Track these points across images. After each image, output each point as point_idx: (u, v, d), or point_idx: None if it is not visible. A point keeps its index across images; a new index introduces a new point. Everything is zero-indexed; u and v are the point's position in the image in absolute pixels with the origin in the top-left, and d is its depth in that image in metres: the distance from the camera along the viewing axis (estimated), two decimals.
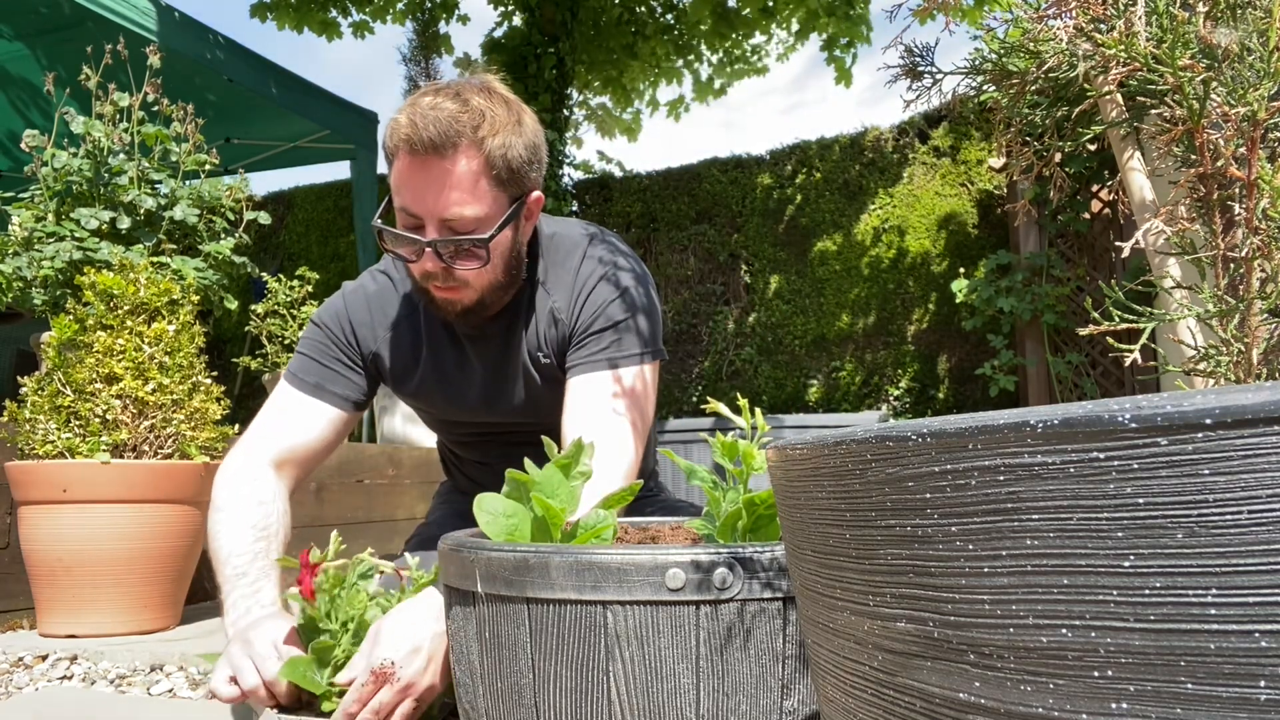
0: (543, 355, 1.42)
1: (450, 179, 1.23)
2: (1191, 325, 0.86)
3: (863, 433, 0.38)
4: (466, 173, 1.24)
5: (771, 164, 6.53)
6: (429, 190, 1.24)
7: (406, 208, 1.26)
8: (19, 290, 2.88)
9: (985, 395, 5.35)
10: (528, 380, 1.45)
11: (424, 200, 1.24)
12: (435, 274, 1.29)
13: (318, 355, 1.46)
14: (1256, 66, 0.62)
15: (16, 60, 4.80)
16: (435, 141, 1.21)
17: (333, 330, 1.46)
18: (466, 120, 1.22)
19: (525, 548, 0.75)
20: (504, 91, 1.34)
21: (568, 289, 1.41)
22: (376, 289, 1.49)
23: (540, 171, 1.35)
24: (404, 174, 1.25)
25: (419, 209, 1.25)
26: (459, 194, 1.24)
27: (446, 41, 6.43)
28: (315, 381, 1.44)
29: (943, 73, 0.91)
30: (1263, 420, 0.27)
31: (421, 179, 1.24)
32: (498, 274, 1.33)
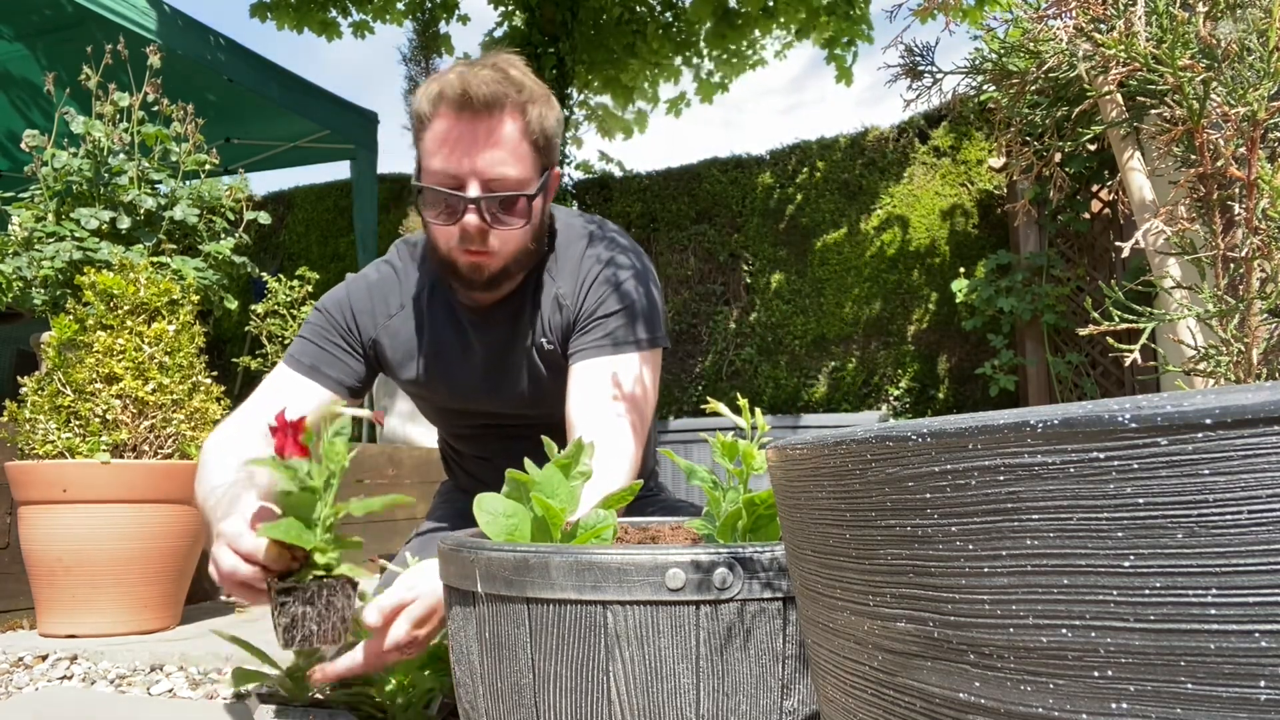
0: (546, 341, 1.44)
1: (495, 138, 1.28)
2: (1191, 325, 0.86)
3: (863, 433, 0.38)
4: (511, 134, 1.28)
5: (772, 164, 6.53)
6: (475, 148, 1.27)
7: (448, 169, 1.28)
8: (19, 290, 2.88)
9: (985, 395, 5.35)
10: (531, 367, 1.46)
11: (469, 158, 1.27)
12: (473, 235, 1.30)
13: (315, 338, 1.46)
14: (1256, 66, 0.62)
15: (17, 60, 4.80)
16: (486, 100, 1.25)
17: (333, 315, 1.47)
18: (511, 84, 1.28)
19: (525, 548, 0.75)
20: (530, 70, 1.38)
21: (572, 276, 1.43)
22: (379, 278, 1.51)
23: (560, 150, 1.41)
24: (447, 134, 1.28)
25: (462, 168, 1.28)
26: (504, 154, 1.28)
27: (446, 41, 6.44)
28: (310, 363, 1.44)
29: (943, 72, 0.91)
30: (1263, 420, 0.27)
31: (469, 138, 1.27)
32: (527, 240, 1.36)
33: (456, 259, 1.35)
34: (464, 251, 1.33)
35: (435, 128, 1.29)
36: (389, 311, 1.48)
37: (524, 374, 1.47)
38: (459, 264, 1.35)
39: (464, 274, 1.36)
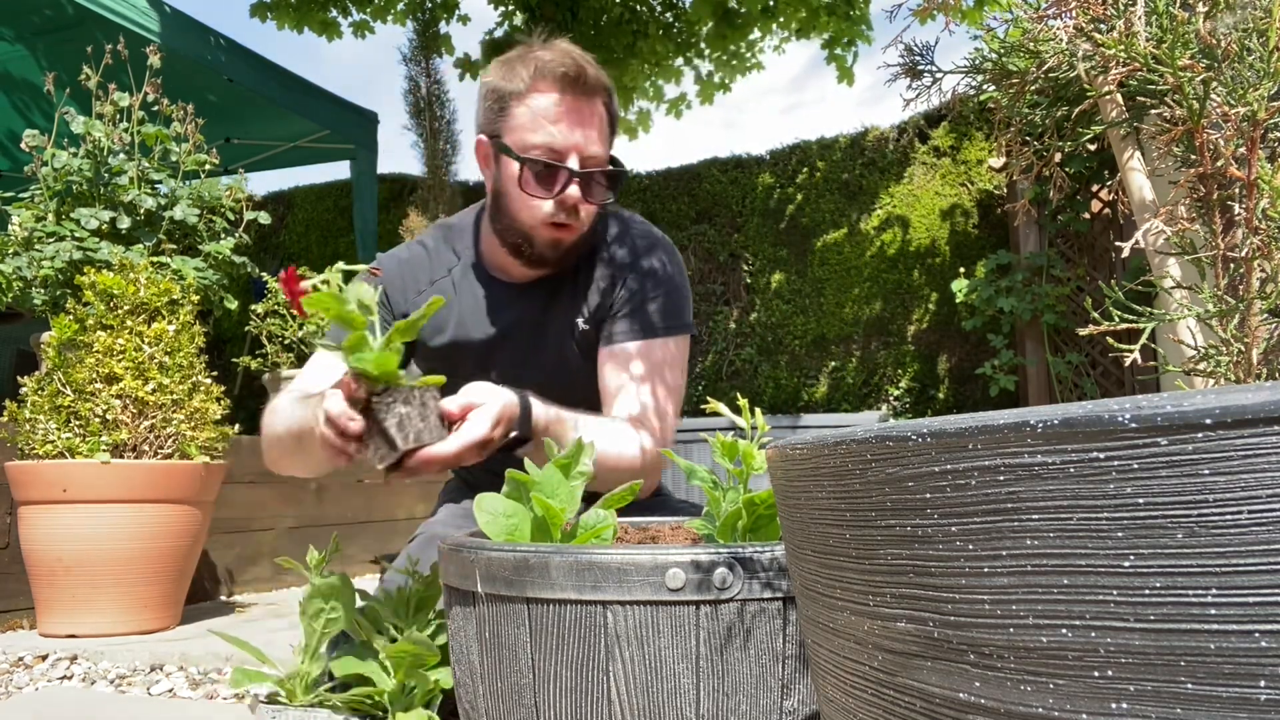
0: (582, 321, 1.47)
1: (594, 119, 1.36)
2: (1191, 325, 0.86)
3: (863, 433, 0.38)
4: (604, 117, 1.38)
5: (772, 164, 6.53)
6: (580, 126, 1.34)
7: (550, 144, 1.33)
8: (19, 290, 2.88)
9: (985, 395, 5.35)
10: (562, 347, 1.48)
11: (574, 134, 1.33)
12: (571, 206, 1.35)
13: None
14: (1256, 66, 0.62)
15: (17, 61, 4.80)
16: (592, 83, 1.34)
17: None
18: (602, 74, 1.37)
19: (525, 548, 0.75)
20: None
21: (609, 262, 1.48)
22: (409, 256, 1.53)
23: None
24: (553, 110, 1.33)
25: (567, 143, 1.33)
26: (597, 134, 1.36)
27: (447, 41, 6.43)
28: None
29: (943, 72, 0.91)
30: (1263, 420, 0.27)
31: (574, 115, 1.34)
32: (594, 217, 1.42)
33: (538, 233, 1.38)
34: (549, 224, 1.37)
35: (535, 102, 1.34)
36: (418, 287, 1.49)
37: (553, 354, 1.48)
38: (539, 237, 1.38)
39: (538, 247, 1.39)
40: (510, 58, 1.38)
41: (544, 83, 1.33)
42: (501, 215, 1.41)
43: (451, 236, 1.54)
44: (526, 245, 1.40)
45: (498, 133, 1.38)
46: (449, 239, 1.54)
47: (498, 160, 1.39)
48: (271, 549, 2.97)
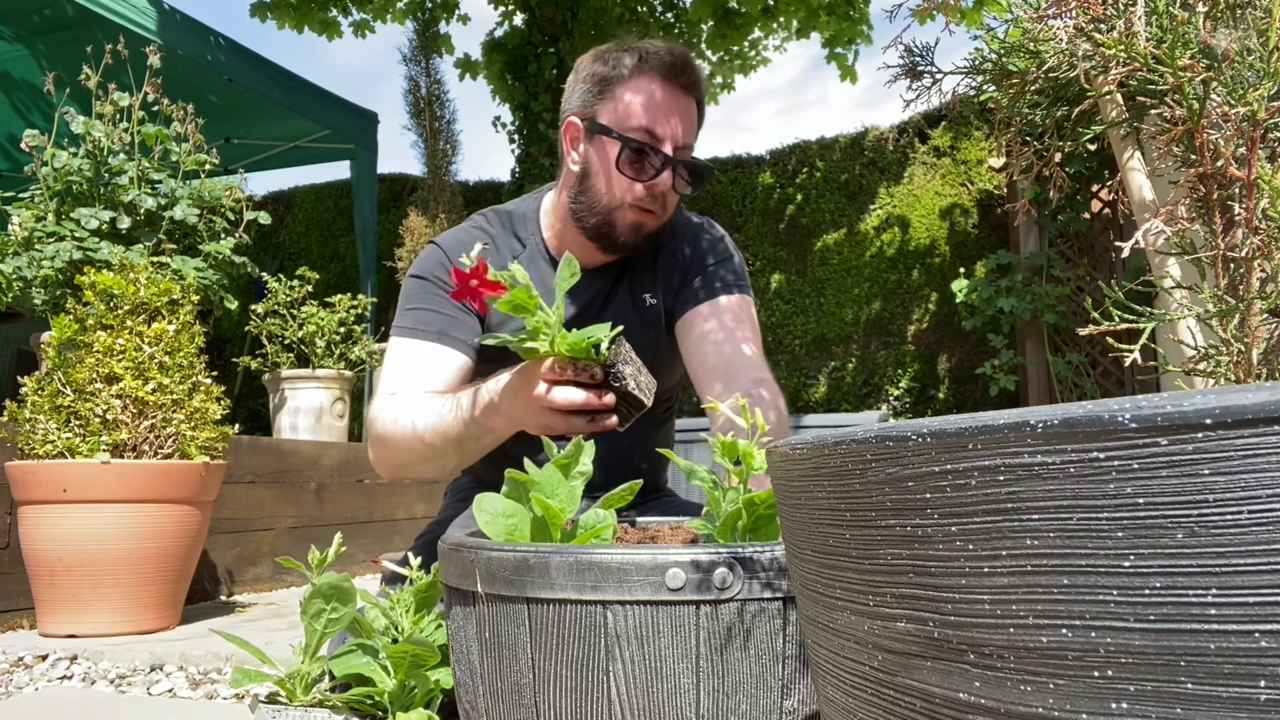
0: (650, 296, 1.50)
1: (690, 112, 1.41)
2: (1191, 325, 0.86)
3: (863, 433, 0.38)
4: (697, 114, 1.43)
5: (772, 164, 6.53)
6: (677, 117, 1.38)
7: (651, 129, 1.37)
8: (19, 290, 2.88)
9: (985, 395, 5.35)
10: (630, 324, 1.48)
11: (674, 124, 1.37)
12: (658, 194, 1.39)
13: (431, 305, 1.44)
14: (1256, 66, 0.62)
15: (17, 60, 4.80)
16: (693, 79, 1.39)
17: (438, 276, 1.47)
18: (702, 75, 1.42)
19: (525, 548, 0.75)
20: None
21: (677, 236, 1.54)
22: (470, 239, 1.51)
23: None
24: (655, 99, 1.37)
25: (665, 131, 1.37)
26: (692, 129, 1.41)
27: (447, 41, 6.44)
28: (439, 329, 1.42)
29: (943, 73, 0.91)
30: (1263, 420, 0.27)
31: (673, 106, 1.38)
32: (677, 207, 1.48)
33: (622, 214, 1.41)
34: (636, 208, 1.40)
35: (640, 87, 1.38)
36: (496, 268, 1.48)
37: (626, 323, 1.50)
38: (622, 220, 1.41)
39: (620, 229, 1.42)
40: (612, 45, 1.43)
41: (650, 70, 1.37)
42: (585, 196, 1.43)
43: (513, 223, 1.53)
44: (608, 228, 1.42)
45: (594, 114, 1.41)
46: (510, 225, 1.53)
47: (590, 140, 1.41)
48: (271, 549, 2.97)
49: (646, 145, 1.36)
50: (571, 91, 1.46)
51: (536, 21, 6.45)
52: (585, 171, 1.42)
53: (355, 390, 4.31)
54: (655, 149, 1.37)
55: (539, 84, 6.37)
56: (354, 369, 4.13)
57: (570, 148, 1.45)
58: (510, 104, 6.57)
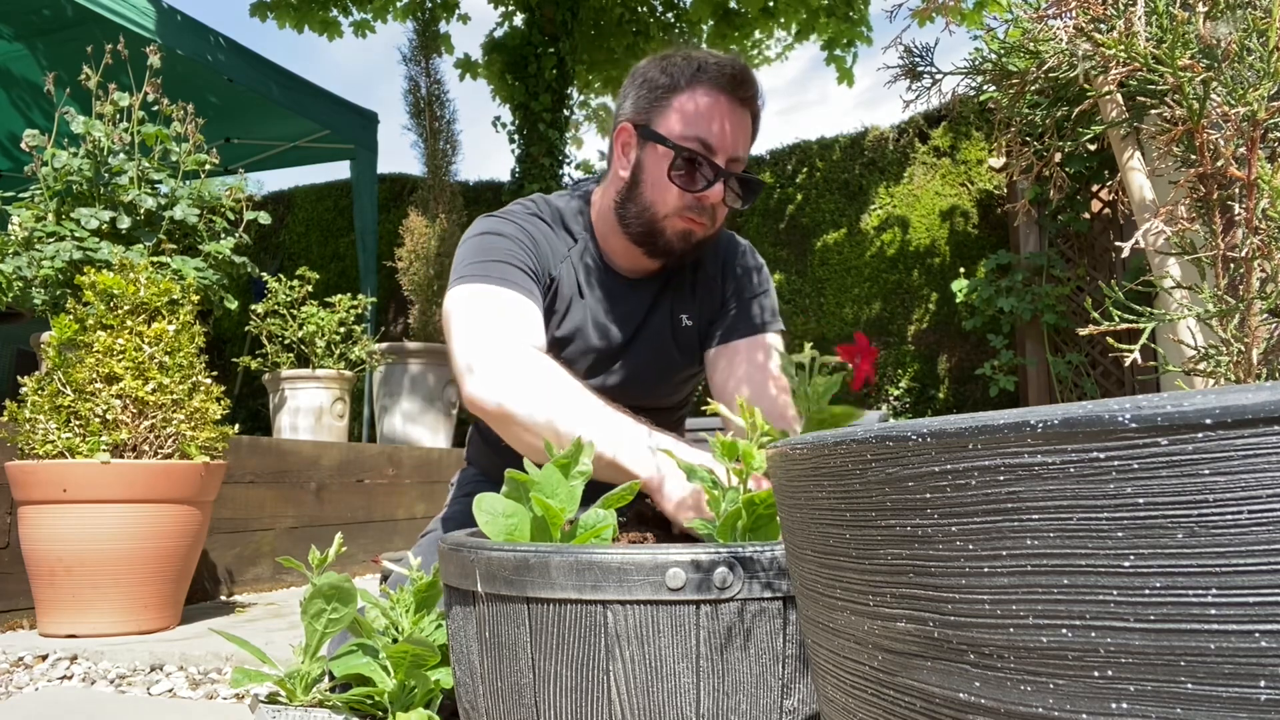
0: (686, 317, 1.50)
1: (746, 125, 1.39)
2: (1191, 325, 0.86)
3: (863, 433, 0.38)
4: (751, 126, 1.41)
5: (771, 164, 6.53)
6: (734, 128, 1.36)
7: (706, 139, 1.35)
8: (19, 290, 2.88)
9: (985, 395, 5.35)
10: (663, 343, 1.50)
11: (729, 135, 1.36)
12: (714, 205, 1.38)
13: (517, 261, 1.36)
14: (1256, 66, 0.62)
15: (17, 60, 4.80)
16: (749, 91, 1.37)
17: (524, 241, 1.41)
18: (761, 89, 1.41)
19: (525, 547, 0.75)
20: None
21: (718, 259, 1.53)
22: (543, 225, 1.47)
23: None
24: (712, 109, 1.36)
25: (721, 142, 1.35)
26: (746, 143, 1.40)
27: (447, 41, 6.43)
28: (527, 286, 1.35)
29: (942, 73, 0.91)
30: (1263, 420, 0.27)
31: (730, 117, 1.36)
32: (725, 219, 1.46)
33: (670, 223, 1.39)
34: (684, 218, 1.39)
35: (697, 96, 1.36)
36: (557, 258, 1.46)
37: (655, 352, 1.50)
38: (670, 228, 1.39)
39: (668, 237, 1.40)
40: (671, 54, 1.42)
41: (709, 81, 1.35)
42: (633, 203, 1.41)
43: (563, 217, 1.50)
44: (655, 235, 1.41)
45: (647, 121, 1.39)
46: (560, 219, 1.49)
47: (642, 147, 1.40)
48: (271, 549, 2.97)
49: (700, 155, 1.35)
50: (625, 96, 1.44)
51: (536, 21, 6.45)
52: (635, 178, 1.40)
53: (355, 390, 4.31)
54: (708, 160, 1.35)
55: (539, 84, 6.37)
56: (354, 369, 4.13)
57: (621, 153, 1.43)
58: (510, 104, 6.57)
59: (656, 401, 1.55)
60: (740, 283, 1.51)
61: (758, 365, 1.44)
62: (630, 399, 1.49)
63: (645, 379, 1.50)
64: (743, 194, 1.40)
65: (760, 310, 1.50)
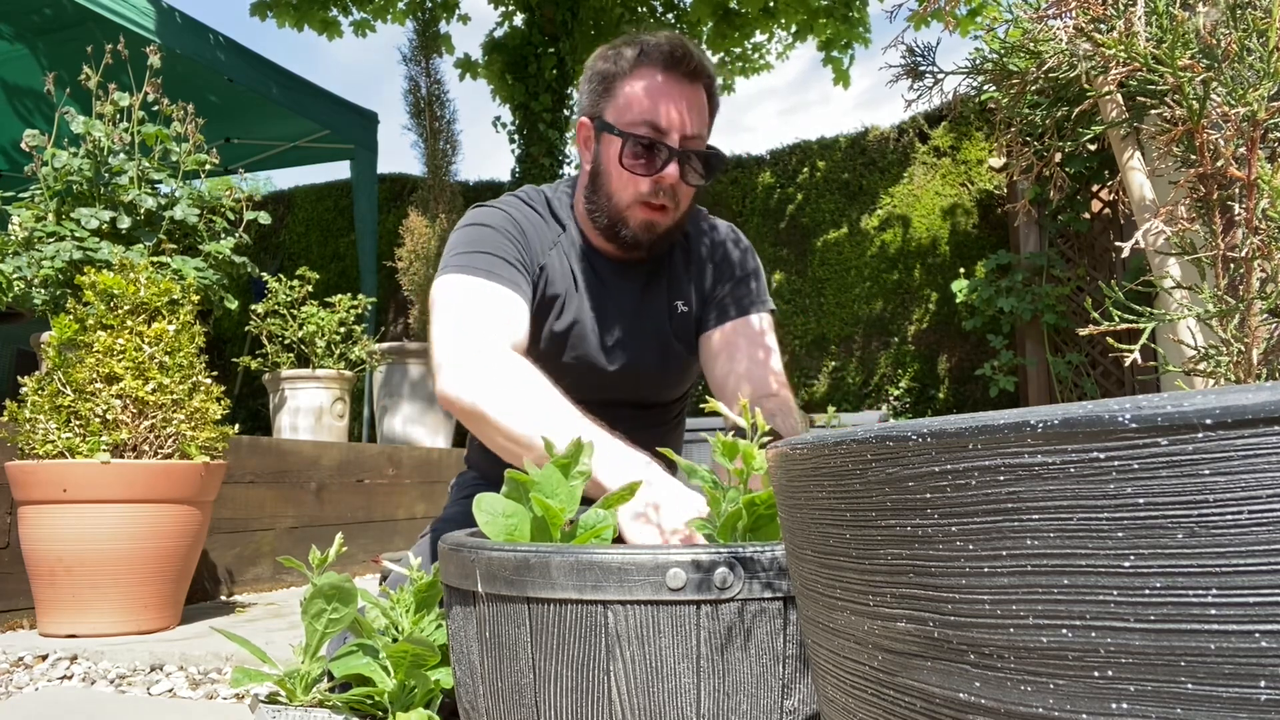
0: (681, 304, 1.50)
1: (697, 103, 1.37)
2: (1191, 325, 0.86)
3: (863, 433, 0.38)
4: (704, 103, 1.39)
5: (772, 163, 6.53)
6: (682, 108, 1.35)
7: (653, 122, 1.34)
8: (19, 290, 2.88)
9: (985, 395, 5.35)
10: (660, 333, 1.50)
11: (677, 115, 1.35)
12: (669, 186, 1.37)
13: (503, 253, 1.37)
14: (1256, 66, 0.62)
15: (17, 60, 4.80)
16: (694, 68, 1.36)
17: (511, 231, 1.41)
18: (708, 61, 1.39)
19: (526, 548, 0.75)
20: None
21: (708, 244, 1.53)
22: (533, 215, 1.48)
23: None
24: (657, 91, 1.35)
25: (669, 123, 1.35)
26: (700, 118, 1.38)
27: (447, 41, 6.43)
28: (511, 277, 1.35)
29: (944, 73, 0.91)
30: (1263, 420, 0.27)
31: (677, 97, 1.35)
32: (692, 201, 1.45)
33: (633, 213, 1.39)
34: (645, 205, 1.38)
35: (639, 81, 1.36)
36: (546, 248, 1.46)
37: (654, 339, 1.50)
38: (633, 218, 1.40)
39: (632, 228, 1.40)
40: (616, 42, 1.42)
41: (649, 62, 1.35)
42: (597, 196, 1.42)
43: (553, 206, 1.51)
44: (620, 227, 1.41)
45: (600, 113, 1.40)
46: (549, 207, 1.50)
47: (599, 140, 1.41)
48: (271, 549, 2.97)
49: (650, 138, 1.35)
50: (581, 93, 1.46)
51: (536, 21, 6.45)
52: (596, 171, 1.42)
53: (355, 390, 4.31)
54: (659, 141, 1.35)
55: (539, 84, 6.37)
56: (354, 369, 4.13)
57: (583, 148, 1.45)
58: (510, 104, 6.57)
59: (659, 394, 1.55)
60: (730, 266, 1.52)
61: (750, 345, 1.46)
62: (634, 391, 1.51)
63: (648, 367, 1.50)
64: (703, 170, 1.39)
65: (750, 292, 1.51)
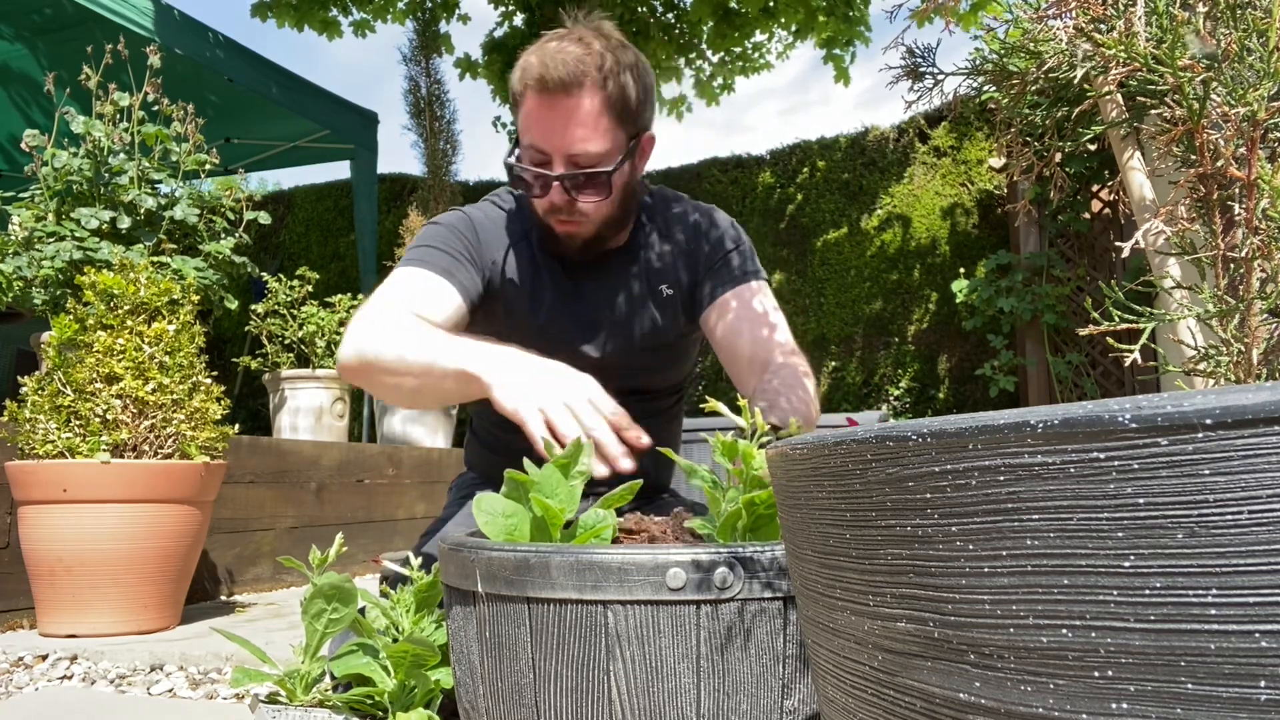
0: (666, 288, 1.50)
1: (576, 116, 1.33)
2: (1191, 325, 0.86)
3: (863, 433, 0.38)
4: (590, 111, 1.33)
5: (772, 163, 6.53)
6: (556, 126, 1.33)
7: (535, 144, 1.35)
8: (19, 290, 2.88)
9: (985, 395, 5.35)
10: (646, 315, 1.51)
11: (552, 136, 1.33)
12: (560, 207, 1.37)
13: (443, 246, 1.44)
14: (1256, 66, 0.62)
15: (17, 60, 4.80)
16: (564, 81, 1.31)
17: (459, 228, 1.48)
18: (591, 61, 1.32)
19: (526, 548, 0.75)
20: (620, 36, 1.42)
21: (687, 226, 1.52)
22: (496, 213, 1.54)
23: (653, 113, 1.45)
24: (533, 113, 1.34)
25: (547, 145, 1.34)
26: (584, 130, 1.33)
27: (447, 41, 6.43)
28: (445, 267, 1.41)
29: (944, 74, 0.91)
30: (1263, 420, 0.27)
31: (550, 116, 1.33)
32: (615, 208, 1.42)
33: (552, 226, 1.41)
34: (557, 221, 1.40)
35: (525, 106, 1.36)
36: (506, 245, 1.50)
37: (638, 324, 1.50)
38: (555, 232, 1.42)
39: (560, 240, 1.43)
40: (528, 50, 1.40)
41: (527, 84, 1.33)
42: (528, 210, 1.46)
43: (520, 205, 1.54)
44: (548, 240, 1.44)
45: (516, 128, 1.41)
46: (520, 205, 1.54)
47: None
48: (271, 549, 2.97)
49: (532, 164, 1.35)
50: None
51: (536, 21, 6.45)
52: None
53: (355, 390, 4.31)
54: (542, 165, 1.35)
55: None
56: None
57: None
58: (510, 104, 6.57)
59: (653, 380, 1.56)
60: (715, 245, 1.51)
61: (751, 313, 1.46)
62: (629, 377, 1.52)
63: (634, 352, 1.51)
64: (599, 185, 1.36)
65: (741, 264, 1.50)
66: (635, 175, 1.45)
